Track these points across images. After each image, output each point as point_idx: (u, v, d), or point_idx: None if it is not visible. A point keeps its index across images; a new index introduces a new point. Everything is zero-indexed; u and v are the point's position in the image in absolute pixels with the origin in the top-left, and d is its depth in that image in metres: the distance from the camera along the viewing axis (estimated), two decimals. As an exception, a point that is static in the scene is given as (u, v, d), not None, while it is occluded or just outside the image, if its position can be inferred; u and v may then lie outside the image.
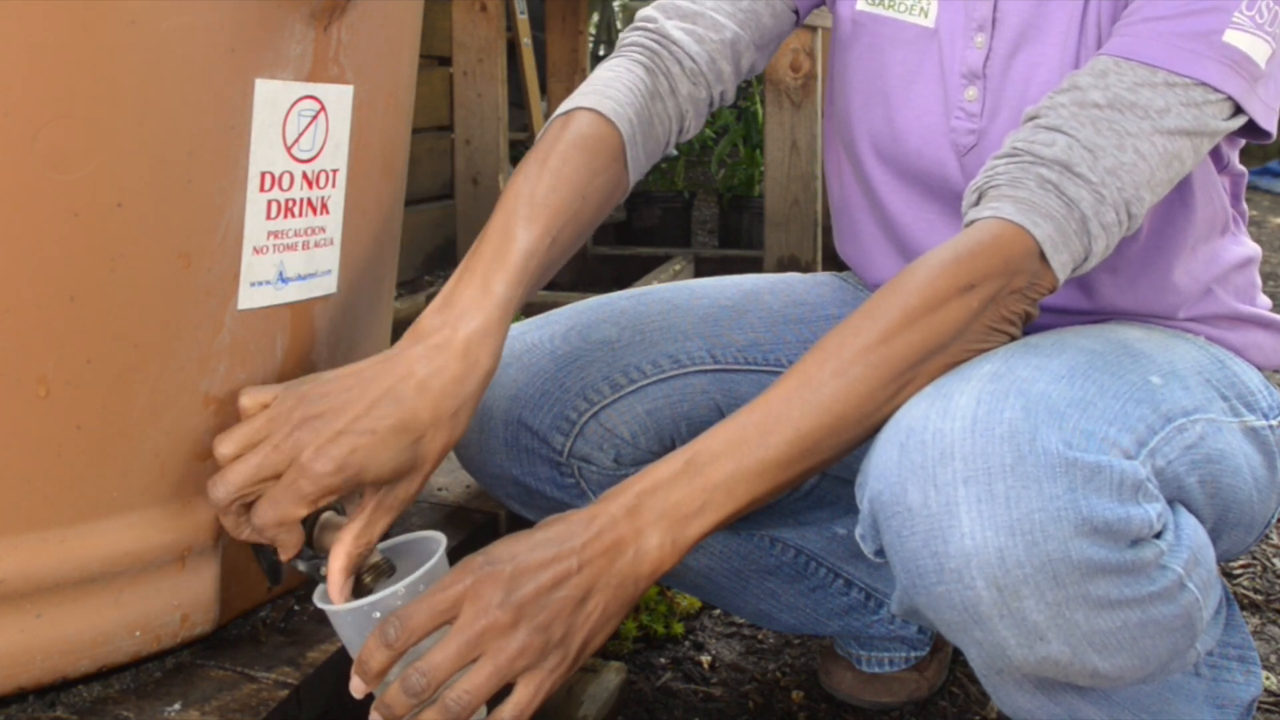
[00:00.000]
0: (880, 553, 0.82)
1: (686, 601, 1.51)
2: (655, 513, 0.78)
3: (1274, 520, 0.99)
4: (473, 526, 1.22)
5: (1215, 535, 0.90)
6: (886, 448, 0.79)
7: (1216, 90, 0.87)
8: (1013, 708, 0.89)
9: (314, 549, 0.95)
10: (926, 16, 1.04)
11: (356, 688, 0.78)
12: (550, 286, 3.37)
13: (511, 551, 0.76)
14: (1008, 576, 0.74)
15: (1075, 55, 0.97)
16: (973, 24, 1.01)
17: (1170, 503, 0.85)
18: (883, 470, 0.79)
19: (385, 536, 0.87)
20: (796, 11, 1.11)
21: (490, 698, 0.76)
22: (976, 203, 0.89)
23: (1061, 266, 0.85)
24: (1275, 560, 1.81)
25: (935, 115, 1.04)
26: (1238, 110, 0.90)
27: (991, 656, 0.79)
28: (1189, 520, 0.85)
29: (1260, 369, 1.05)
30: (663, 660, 1.43)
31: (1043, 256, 0.85)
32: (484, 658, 0.74)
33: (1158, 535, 0.80)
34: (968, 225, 0.88)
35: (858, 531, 0.83)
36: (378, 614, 0.77)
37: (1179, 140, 0.87)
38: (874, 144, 1.09)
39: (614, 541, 0.77)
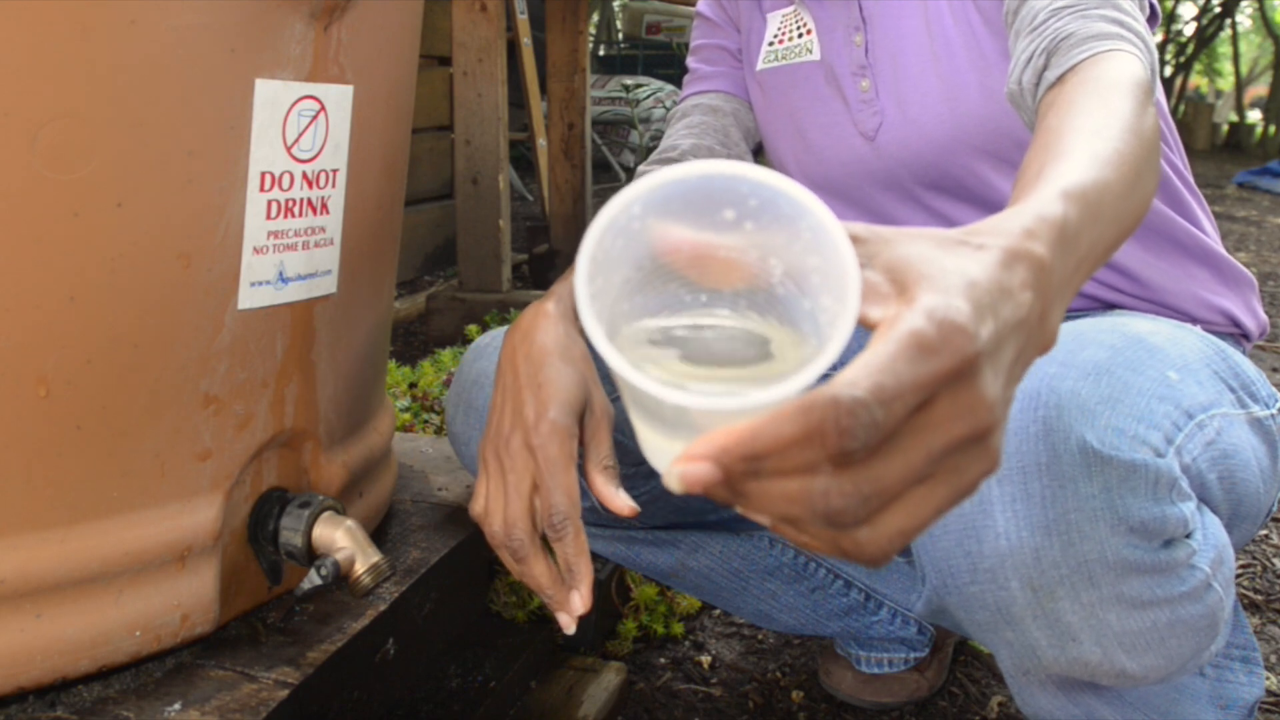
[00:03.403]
0: (904, 553, 0.81)
1: (686, 601, 1.51)
2: (1054, 289, 0.54)
3: (1273, 510, 0.99)
4: (473, 526, 1.22)
5: (1227, 530, 0.89)
6: None
7: None
8: (1034, 708, 0.89)
9: (313, 549, 0.95)
10: (812, 52, 1.17)
11: (704, 475, 0.42)
12: (548, 284, 3.37)
13: (979, 311, 0.46)
14: (1043, 577, 0.73)
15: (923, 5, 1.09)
16: (850, 28, 1.14)
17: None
18: None
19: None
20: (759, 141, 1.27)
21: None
22: (1046, 66, 0.85)
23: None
24: (1275, 560, 1.81)
25: (841, 116, 1.14)
26: None
27: (1021, 657, 0.79)
28: (1212, 519, 0.85)
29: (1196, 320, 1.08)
30: (663, 660, 1.43)
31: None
32: (936, 480, 0.45)
33: (1187, 535, 0.79)
34: (1070, 67, 0.82)
35: None
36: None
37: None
38: (802, 172, 1.18)
39: (1040, 314, 0.52)
